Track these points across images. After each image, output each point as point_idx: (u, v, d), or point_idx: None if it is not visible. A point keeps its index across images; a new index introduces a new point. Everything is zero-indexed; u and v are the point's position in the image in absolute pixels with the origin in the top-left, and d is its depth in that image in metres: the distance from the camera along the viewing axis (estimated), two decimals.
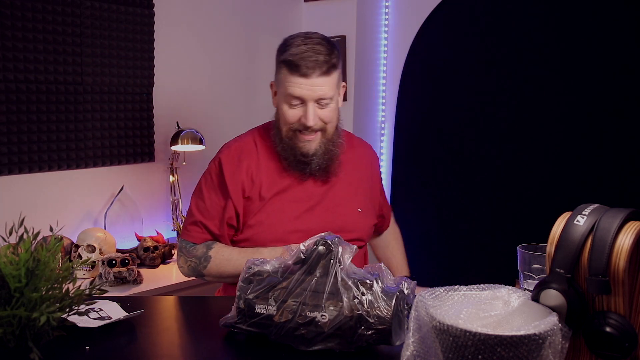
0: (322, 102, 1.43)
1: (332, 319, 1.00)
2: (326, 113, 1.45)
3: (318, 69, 1.39)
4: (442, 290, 0.91)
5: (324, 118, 1.45)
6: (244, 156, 1.53)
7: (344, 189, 1.56)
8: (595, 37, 2.34)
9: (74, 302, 0.95)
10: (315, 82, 1.40)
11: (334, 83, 1.43)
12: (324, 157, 1.49)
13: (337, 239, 1.07)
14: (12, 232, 0.95)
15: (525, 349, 0.76)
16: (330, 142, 1.49)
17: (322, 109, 1.44)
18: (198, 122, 2.62)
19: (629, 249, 0.80)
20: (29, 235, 0.94)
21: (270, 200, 1.50)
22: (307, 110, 1.42)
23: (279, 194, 1.51)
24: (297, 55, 1.40)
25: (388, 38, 3.06)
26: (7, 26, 2.07)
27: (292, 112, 1.44)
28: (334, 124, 1.49)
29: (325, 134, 1.48)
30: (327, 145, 1.49)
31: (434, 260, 2.82)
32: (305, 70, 1.39)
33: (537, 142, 2.50)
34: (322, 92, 1.41)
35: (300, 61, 1.39)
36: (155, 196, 2.60)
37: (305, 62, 1.39)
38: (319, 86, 1.40)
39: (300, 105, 1.43)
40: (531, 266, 1.09)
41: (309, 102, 1.41)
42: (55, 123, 2.22)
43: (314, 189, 1.53)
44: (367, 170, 1.65)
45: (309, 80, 1.39)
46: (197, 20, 2.69)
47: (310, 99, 1.41)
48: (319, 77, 1.40)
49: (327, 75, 1.41)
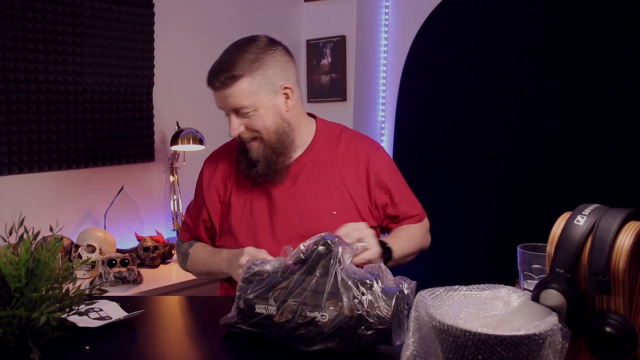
0: (241, 112, 1.41)
1: (332, 319, 1.00)
2: (253, 122, 1.42)
3: (220, 83, 1.39)
4: (442, 290, 0.91)
5: (251, 127, 1.43)
6: (221, 162, 1.59)
7: (315, 191, 1.50)
8: (595, 37, 2.34)
9: (74, 302, 0.95)
10: (223, 94, 1.40)
11: (245, 92, 1.39)
12: (265, 164, 1.46)
13: (337, 239, 1.07)
14: (12, 232, 0.95)
15: (525, 349, 0.76)
16: (272, 149, 1.45)
17: (247, 118, 1.42)
18: (198, 122, 2.62)
19: (629, 249, 0.80)
20: (29, 235, 0.94)
21: (239, 205, 1.52)
22: (230, 121, 1.43)
23: (248, 198, 1.52)
24: (209, 71, 1.43)
25: (388, 38, 3.06)
26: (7, 26, 2.07)
27: (229, 124, 1.46)
28: (270, 130, 1.43)
29: (264, 142, 1.45)
30: (267, 153, 1.45)
31: (434, 260, 2.82)
32: (214, 83, 1.40)
33: (537, 142, 2.50)
34: (233, 103, 1.40)
35: (209, 76, 1.42)
36: (155, 196, 2.61)
37: (210, 78, 1.41)
38: (228, 97, 1.40)
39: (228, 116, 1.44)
40: (531, 266, 1.09)
41: (230, 113, 1.43)
42: (55, 123, 2.22)
43: (283, 192, 1.50)
44: (354, 171, 1.54)
45: (219, 92, 1.41)
46: (197, 20, 2.69)
47: (227, 109, 1.43)
48: (225, 89, 1.39)
49: (229, 87, 1.38)
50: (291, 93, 1.46)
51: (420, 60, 2.90)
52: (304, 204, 1.49)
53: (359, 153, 1.55)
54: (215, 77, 1.40)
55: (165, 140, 2.60)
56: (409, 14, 2.94)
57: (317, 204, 1.49)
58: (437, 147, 2.83)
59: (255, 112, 1.41)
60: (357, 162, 1.54)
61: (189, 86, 2.69)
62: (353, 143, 1.57)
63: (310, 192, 1.50)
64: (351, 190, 1.52)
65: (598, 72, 2.34)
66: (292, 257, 1.08)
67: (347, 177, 1.52)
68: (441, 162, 2.81)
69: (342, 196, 1.51)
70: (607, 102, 2.32)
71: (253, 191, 1.52)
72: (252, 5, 2.93)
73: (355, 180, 1.53)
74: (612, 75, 2.31)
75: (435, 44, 2.84)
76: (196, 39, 2.69)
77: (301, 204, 1.49)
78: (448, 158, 2.79)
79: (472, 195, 2.71)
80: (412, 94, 2.95)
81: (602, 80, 2.33)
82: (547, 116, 2.47)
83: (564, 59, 2.42)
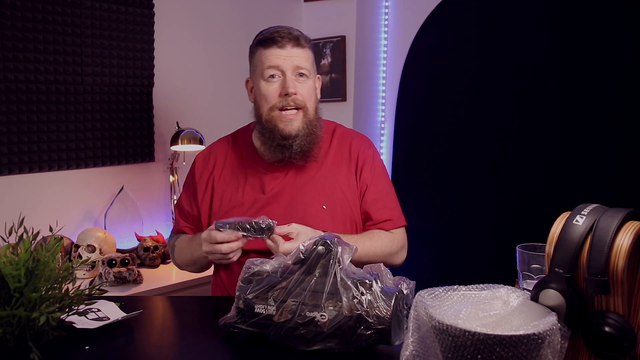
0: (300, 73, 1.46)
1: (331, 319, 1.00)
2: (304, 89, 1.47)
3: (293, 41, 1.46)
4: (441, 290, 0.91)
5: (302, 93, 1.47)
6: (214, 154, 1.61)
7: (309, 183, 1.51)
8: (595, 37, 2.34)
9: (74, 302, 0.95)
10: (291, 52, 1.46)
11: (310, 59, 1.49)
12: (306, 139, 1.47)
13: (336, 239, 1.07)
14: (12, 232, 0.95)
15: (524, 348, 0.76)
16: (311, 123, 1.49)
17: (300, 84, 1.47)
18: (198, 122, 2.62)
19: (628, 249, 0.80)
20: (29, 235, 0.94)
21: (227, 193, 1.54)
22: (286, 80, 1.45)
23: (239, 187, 1.53)
24: (270, 32, 1.48)
25: (388, 38, 3.06)
26: (7, 26, 2.07)
27: (271, 88, 1.47)
28: (312, 104, 1.50)
29: (307, 113, 1.48)
30: (309, 126, 1.48)
31: (434, 260, 2.83)
32: (281, 41, 1.45)
33: (537, 142, 2.50)
34: (298, 61, 1.46)
35: (274, 35, 1.46)
36: (155, 196, 2.61)
37: (280, 35, 1.46)
38: (295, 56, 1.46)
39: (278, 78, 1.46)
40: (530, 266, 1.09)
41: (287, 71, 1.45)
42: (55, 123, 2.22)
43: (275, 183, 1.52)
44: (346, 166, 1.55)
45: (284, 50, 1.46)
46: (197, 20, 2.70)
47: (288, 67, 1.45)
48: (294, 47, 1.46)
49: (301, 47, 1.47)
50: (319, 85, 1.55)
51: (420, 60, 2.90)
52: (295, 198, 1.50)
53: (351, 148, 1.59)
54: (286, 34, 1.46)
55: (165, 140, 2.60)
56: (409, 14, 2.94)
57: (308, 197, 1.50)
58: (436, 147, 2.83)
59: (308, 80, 1.49)
60: (349, 157, 1.57)
61: (189, 86, 2.69)
62: (346, 139, 1.61)
63: (303, 185, 1.52)
64: (343, 185, 1.53)
65: (597, 72, 2.34)
66: (291, 257, 1.09)
67: (340, 173, 1.55)
68: (441, 161, 2.81)
69: (333, 192, 1.52)
70: (606, 102, 2.32)
71: (245, 181, 1.54)
72: (252, 5, 2.93)
73: (347, 175, 1.55)
74: (612, 75, 2.31)
75: (435, 44, 2.84)
76: (196, 39, 2.70)
77: (292, 197, 1.50)
78: (448, 158, 2.79)
79: (471, 195, 2.71)
80: (412, 94, 2.95)
81: (601, 80, 2.33)
82: (547, 116, 2.47)
83: (564, 59, 2.42)
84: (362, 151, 1.58)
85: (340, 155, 1.57)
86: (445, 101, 2.80)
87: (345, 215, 1.52)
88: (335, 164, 1.55)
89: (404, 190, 2.94)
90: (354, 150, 1.58)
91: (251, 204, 1.51)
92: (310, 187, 1.51)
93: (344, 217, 1.52)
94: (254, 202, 1.51)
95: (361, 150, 1.58)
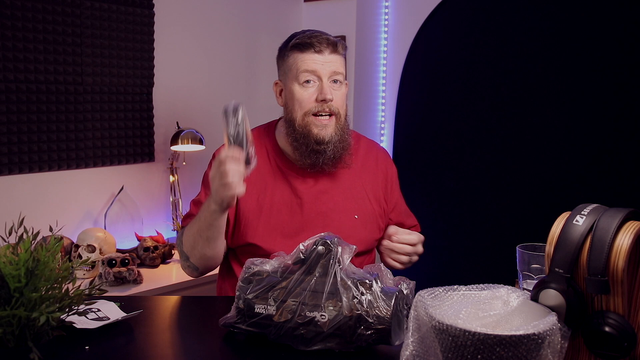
0: (335, 79, 1.46)
1: (331, 319, 1.00)
2: (338, 95, 1.47)
3: (330, 46, 1.45)
4: (441, 290, 0.91)
5: (337, 100, 1.46)
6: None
7: (338, 194, 1.51)
8: (595, 37, 2.34)
9: (74, 302, 0.95)
10: (328, 58, 1.44)
11: (343, 65, 1.48)
12: (338, 145, 1.47)
13: (336, 239, 1.07)
14: (11, 232, 0.95)
15: (524, 348, 0.76)
16: (343, 130, 1.49)
17: (335, 91, 1.46)
18: (198, 122, 2.62)
19: (628, 249, 0.80)
20: (29, 235, 0.94)
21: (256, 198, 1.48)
22: (322, 86, 1.44)
23: (268, 187, 1.49)
24: (307, 36, 1.45)
25: (388, 38, 3.06)
26: (7, 26, 2.07)
27: (307, 93, 1.45)
28: (344, 111, 1.50)
29: (339, 120, 1.48)
30: (341, 133, 1.48)
31: (434, 260, 2.82)
32: (319, 47, 1.44)
33: (537, 142, 2.50)
34: (335, 67, 1.45)
35: (312, 39, 1.44)
36: (155, 196, 2.61)
37: (317, 40, 1.44)
38: (331, 62, 1.45)
39: (314, 84, 1.45)
40: (530, 266, 1.09)
41: (324, 77, 1.44)
42: (55, 123, 2.22)
43: (308, 190, 1.49)
44: (373, 176, 1.58)
45: (321, 56, 1.44)
46: (197, 20, 2.70)
47: (324, 73, 1.44)
48: (331, 54, 1.45)
49: (338, 54, 1.46)
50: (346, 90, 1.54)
51: (420, 60, 2.90)
52: (328, 205, 1.50)
53: (378, 159, 1.62)
54: (327, 41, 1.44)
55: (165, 140, 2.60)
56: (409, 14, 2.94)
57: (341, 206, 1.51)
58: (436, 147, 2.83)
59: (343, 87, 1.48)
60: (376, 168, 1.60)
61: (189, 86, 2.69)
62: (372, 150, 1.64)
63: (335, 194, 1.51)
64: (370, 194, 1.56)
65: (598, 72, 2.34)
66: (291, 256, 1.09)
67: (367, 182, 1.56)
68: (441, 161, 2.81)
69: (362, 200, 1.54)
70: (606, 102, 2.32)
71: (274, 184, 1.50)
72: (252, 5, 2.93)
73: (374, 185, 1.57)
74: (612, 75, 2.30)
75: (435, 44, 2.84)
76: (196, 39, 2.70)
77: (325, 204, 1.49)
78: (448, 158, 2.79)
79: (471, 194, 2.71)
80: (412, 93, 2.95)
81: (601, 80, 2.33)
82: (547, 116, 2.47)
83: (564, 59, 2.42)
84: (390, 166, 1.65)
85: (368, 164, 1.59)
86: (445, 101, 2.80)
87: (373, 224, 1.55)
88: (363, 173, 1.57)
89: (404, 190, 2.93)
90: (382, 162, 1.62)
91: (282, 206, 1.48)
92: (342, 195, 1.52)
93: (373, 227, 1.54)
94: (285, 205, 1.48)
95: (388, 164, 1.64)
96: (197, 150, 2.49)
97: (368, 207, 1.54)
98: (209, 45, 2.75)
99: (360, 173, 1.56)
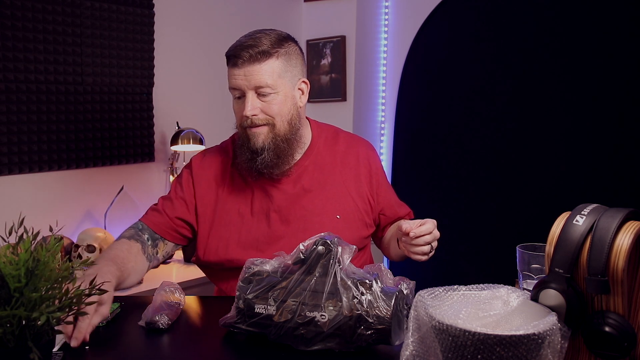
0: (261, 92, 1.37)
1: (331, 319, 1.00)
2: (270, 105, 1.38)
3: (250, 58, 1.35)
4: (441, 290, 0.91)
5: (267, 111, 1.39)
6: (213, 160, 1.52)
7: (318, 195, 1.47)
8: (595, 37, 2.34)
9: (74, 302, 0.95)
10: (247, 71, 1.36)
11: (273, 72, 1.37)
12: (272, 153, 1.40)
13: (336, 239, 1.07)
14: (11, 232, 0.95)
15: (524, 348, 0.76)
16: (281, 138, 1.41)
17: (264, 101, 1.38)
18: (198, 122, 2.62)
19: (628, 249, 0.80)
20: (29, 235, 0.94)
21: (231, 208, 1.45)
22: (245, 101, 1.38)
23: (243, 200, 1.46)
24: (232, 47, 1.40)
25: (388, 38, 3.06)
26: (7, 26, 2.07)
27: (237, 107, 1.42)
28: (283, 118, 1.40)
29: (275, 129, 1.40)
30: (276, 141, 1.41)
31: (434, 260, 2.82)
32: (237, 60, 1.36)
33: (537, 142, 2.50)
34: (256, 80, 1.36)
35: (234, 51, 1.38)
36: (155, 196, 2.60)
37: (237, 52, 1.37)
38: (252, 75, 1.35)
39: (243, 97, 1.39)
40: (530, 266, 1.09)
41: (247, 91, 1.37)
42: (55, 123, 2.22)
43: (285, 195, 1.46)
44: (355, 172, 1.53)
45: (241, 69, 1.36)
46: (197, 20, 2.70)
47: (246, 88, 1.37)
48: (252, 65, 1.35)
49: (259, 62, 1.35)
50: (306, 89, 1.46)
51: (419, 61, 2.90)
52: (308, 208, 1.46)
53: (359, 154, 1.55)
54: (244, 50, 1.35)
55: (165, 140, 2.60)
56: (409, 14, 2.94)
57: (321, 207, 1.46)
58: (436, 147, 2.83)
59: (275, 95, 1.38)
60: (358, 164, 1.54)
61: (189, 86, 2.69)
62: (353, 145, 1.57)
63: (313, 196, 1.47)
64: (353, 192, 1.51)
65: (598, 72, 2.34)
66: (291, 257, 1.09)
67: (349, 180, 1.51)
68: (441, 161, 2.81)
69: (344, 199, 1.49)
70: (606, 102, 2.32)
71: (249, 193, 1.47)
72: (252, 5, 2.93)
73: (356, 182, 1.52)
74: (612, 75, 2.31)
75: (435, 44, 2.84)
76: (196, 39, 2.70)
77: (304, 207, 1.46)
78: (447, 158, 2.79)
79: (471, 195, 2.71)
80: (412, 94, 2.95)
81: (601, 80, 2.33)
82: (547, 116, 2.47)
83: (564, 59, 2.42)
84: (373, 159, 1.58)
85: (348, 161, 1.54)
86: (445, 101, 2.80)
87: (358, 221, 1.50)
88: (344, 170, 1.52)
89: (404, 190, 2.94)
90: (363, 157, 1.55)
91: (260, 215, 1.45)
92: (322, 196, 1.48)
93: (358, 224, 1.50)
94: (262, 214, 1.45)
95: (371, 157, 1.57)
96: (197, 150, 2.49)
97: (351, 204, 1.49)
98: (209, 45, 2.75)
99: (341, 170, 1.52)
